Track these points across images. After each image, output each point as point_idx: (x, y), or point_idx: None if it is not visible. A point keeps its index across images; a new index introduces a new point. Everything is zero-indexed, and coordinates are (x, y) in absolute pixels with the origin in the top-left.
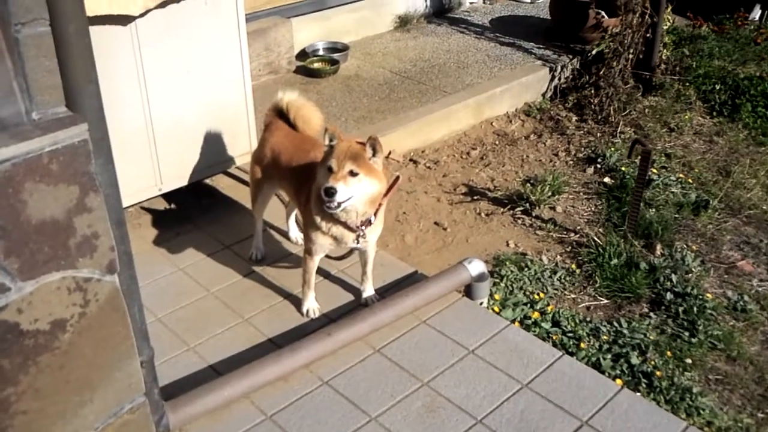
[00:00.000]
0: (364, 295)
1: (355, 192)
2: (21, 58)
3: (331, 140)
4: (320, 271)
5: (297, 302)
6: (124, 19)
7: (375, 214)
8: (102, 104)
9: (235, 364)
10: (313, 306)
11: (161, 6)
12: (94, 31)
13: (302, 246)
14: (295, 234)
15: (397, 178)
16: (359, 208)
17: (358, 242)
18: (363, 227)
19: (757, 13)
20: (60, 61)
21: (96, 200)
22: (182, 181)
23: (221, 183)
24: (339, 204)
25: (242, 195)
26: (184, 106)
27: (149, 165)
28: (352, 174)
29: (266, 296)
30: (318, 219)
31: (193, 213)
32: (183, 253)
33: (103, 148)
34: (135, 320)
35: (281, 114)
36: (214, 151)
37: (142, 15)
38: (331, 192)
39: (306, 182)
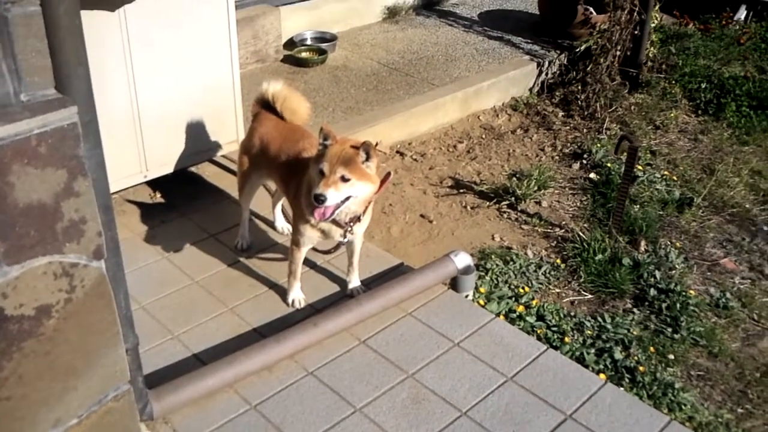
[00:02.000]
0: (350, 286)
1: (347, 197)
2: (10, 39)
3: (325, 140)
4: (306, 262)
5: (282, 292)
6: (112, 3)
7: (364, 212)
8: (91, 87)
9: (219, 354)
10: (298, 296)
11: None
12: (83, 15)
13: (288, 236)
14: (282, 224)
15: (388, 174)
16: (351, 209)
17: (345, 237)
18: (351, 224)
19: (742, 14)
20: (50, 43)
21: (84, 184)
22: (168, 168)
23: (207, 171)
24: (331, 210)
25: (228, 183)
26: (172, 93)
27: (135, 151)
28: (344, 179)
29: (252, 286)
30: (307, 212)
31: (178, 201)
32: (168, 241)
33: (91, 131)
34: (120, 307)
35: (267, 105)
36: (200, 139)
37: (131, 0)
38: (320, 199)
39: (295, 174)
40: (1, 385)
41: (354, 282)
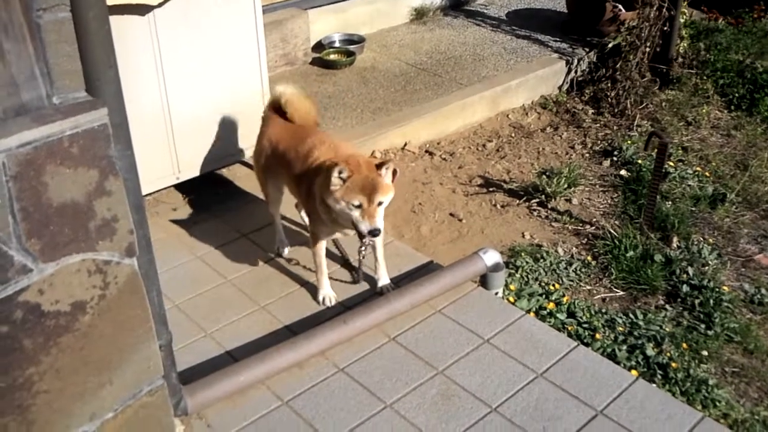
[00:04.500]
0: (380, 284)
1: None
2: (42, 43)
3: (340, 174)
4: (335, 260)
5: (313, 290)
6: (142, 9)
7: None
8: (121, 90)
9: (251, 351)
10: (329, 294)
11: None
12: (114, 20)
13: None
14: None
15: (395, 172)
16: None
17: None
18: None
19: None
20: (80, 47)
21: (115, 184)
22: (199, 170)
23: (238, 173)
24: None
25: (258, 185)
26: (202, 96)
27: (167, 153)
28: (380, 203)
29: (283, 284)
30: (325, 217)
31: (210, 202)
32: (200, 241)
33: (122, 133)
34: (153, 304)
35: (278, 108)
36: (230, 141)
37: (160, 5)
38: (375, 234)
39: (305, 174)
40: (39, 379)
41: (383, 280)
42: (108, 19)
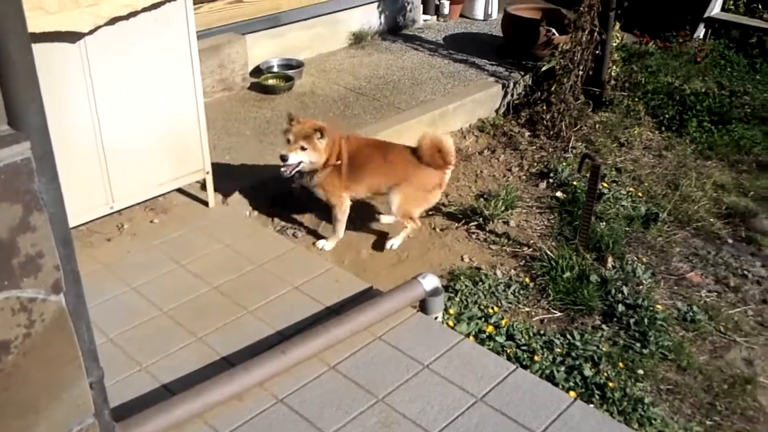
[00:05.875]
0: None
1: (300, 161)
2: None
3: (290, 121)
4: (277, 288)
5: (250, 321)
6: (72, 36)
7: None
8: (46, 122)
9: (188, 384)
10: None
11: (110, 23)
12: (42, 47)
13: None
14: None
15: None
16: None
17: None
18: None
19: (701, 32)
20: (1, 79)
21: (40, 219)
22: (134, 199)
23: (174, 200)
24: (290, 168)
25: (195, 212)
26: (136, 124)
27: (100, 183)
28: (302, 149)
29: (220, 314)
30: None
31: (146, 231)
32: (135, 272)
33: (46, 166)
34: (83, 340)
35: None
36: (166, 168)
37: (91, 32)
38: (283, 158)
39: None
40: None
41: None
42: (31, 49)
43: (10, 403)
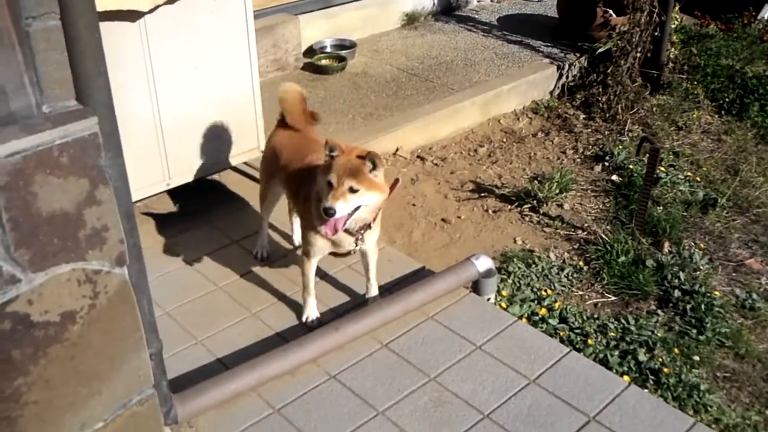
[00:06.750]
0: (368, 295)
1: (356, 207)
2: (31, 52)
3: (331, 151)
4: (327, 265)
5: None
6: (133, 15)
7: (374, 220)
8: (111, 98)
9: (243, 358)
10: (313, 315)
11: (170, 2)
12: (104, 26)
13: None
14: (298, 238)
15: (397, 180)
16: (361, 217)
17: (356, 245)
18: (362, 231)
19: (766, 13)
20: (70, 55)
21: (105, 193)
22: (190, 177)
23: (228, 179)
24: (342, 223)
25: (249, 191)
26: (193, 102)
27: (158, 160)
28: (352, 191)
29: (274, 291)
30: (317, 224)
31: (201, 209)
32: (191, 248)
33: (112, 141)
34: (144, 313)
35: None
36: (221, 147)
37: (151, 11)
38: (329, 212)
39: (303, 184)
40: (28, 390)
41: (372, 293)
42: (98, 27)
43: (76, 371)
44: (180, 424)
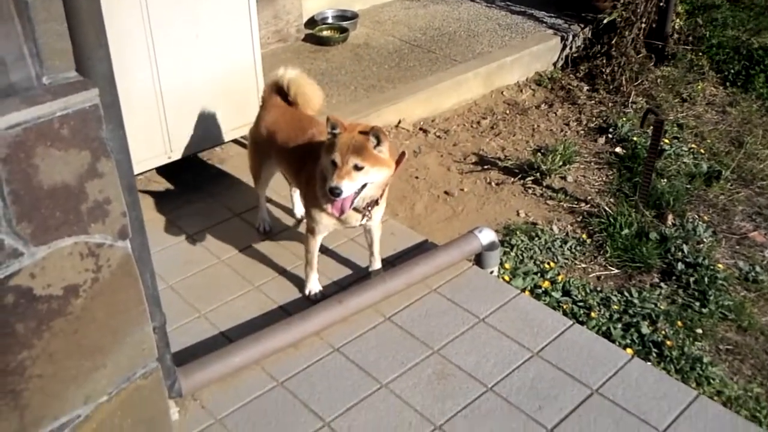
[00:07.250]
0: (371, 268)
1: (363, 185)
2: (31, 22)
3: (333, 129)
4: (330, 239)
5: None
6: None
7: (381, 195)
8: (112, 69)
9: (246, 331)
10: (315, 288)
11: None
12: None
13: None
14: (300, 211)
15: (403, 154)
16: (368, 194)
17: (363, 221)
18: (369, 208)
19: None
20: (70, 26)
21: (107, 165)
22: (192, 149)
23: (230, 151)
24: (349, 202)
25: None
26: (194, 74)
27: (159, 132)
28: (357, 168)
29: (277, 264)
30: (323, 203)
31: (202, 181)
32: (193, 221)
33: (113, 113)
34: (147, 286)
35: (279, 91)
36: (223, 120)
37: None
38: (336, 192)
39: (306, 162)
40: (32, 363)
41: (375, 266)
42: None
43: (79, 345)
44: (184, 398)
